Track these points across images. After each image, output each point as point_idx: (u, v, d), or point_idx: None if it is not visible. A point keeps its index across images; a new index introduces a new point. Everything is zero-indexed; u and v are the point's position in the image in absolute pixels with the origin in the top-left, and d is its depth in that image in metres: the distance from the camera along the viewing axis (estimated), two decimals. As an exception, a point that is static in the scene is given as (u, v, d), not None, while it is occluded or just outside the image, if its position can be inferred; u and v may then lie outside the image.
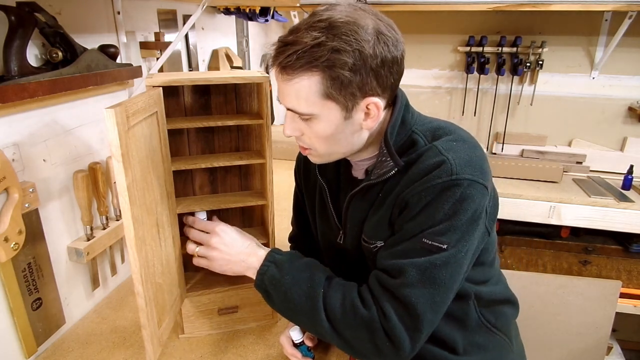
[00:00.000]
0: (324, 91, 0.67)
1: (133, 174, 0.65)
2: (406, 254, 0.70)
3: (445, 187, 0.68)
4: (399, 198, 0.73)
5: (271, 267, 0.78)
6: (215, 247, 0.82)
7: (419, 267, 0.68)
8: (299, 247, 1.11)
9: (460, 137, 0.76)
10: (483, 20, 2.26)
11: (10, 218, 0.76)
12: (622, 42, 2.04)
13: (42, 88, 0.81)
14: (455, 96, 2.46)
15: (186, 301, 0.92)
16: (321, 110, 0.69)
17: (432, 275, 0.68)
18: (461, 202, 0.68)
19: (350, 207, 0.83)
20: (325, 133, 0.71)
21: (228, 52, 1.93)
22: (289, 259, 0.79)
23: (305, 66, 0.65)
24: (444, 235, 0.68)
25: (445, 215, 0.69)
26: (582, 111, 2.29)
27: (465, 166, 0.70)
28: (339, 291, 0.74)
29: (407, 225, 0.72)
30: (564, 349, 1.87)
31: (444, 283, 0.68)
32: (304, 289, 0.74)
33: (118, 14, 1.13)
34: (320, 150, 0.75)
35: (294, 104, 0.69)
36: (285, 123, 0.74)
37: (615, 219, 1.82)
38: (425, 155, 0.72)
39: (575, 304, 1.83)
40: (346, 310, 0.71)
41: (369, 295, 0.71)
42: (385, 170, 0.75)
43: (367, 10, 0.69)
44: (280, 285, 0.76)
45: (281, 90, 0.70)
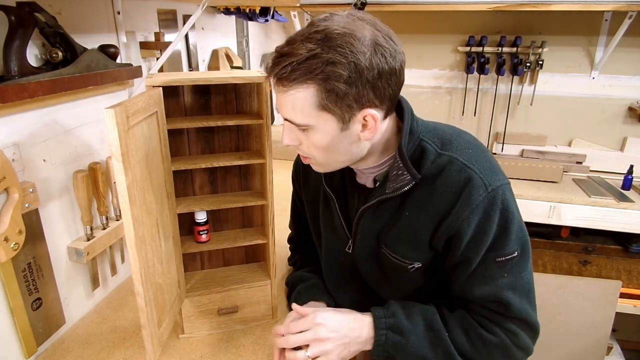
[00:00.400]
0: (320, 103, 0.66)
1: (133, 174, 0.65)
2: (491, 278, 0.74)
3: (487, 203, 0.71)
4: (444, 225, 0.73)
5: (388, 333, 0.76)
6: (326, 338, 0.74)
7: (512, 287, 0.74)
8: (298, 249, 1.11)
9: (469, 142, 0.77)
10: (483, 20, 2.26)
11: (10, 218, 0.76)
12: (622, 42, 2.04)
13: (42, 88, 0.81)
14: (455, 96, 2.46)
15: (186, 301, 0.92)
16: (317, 121, 0.68)
17: (523, 287, 0.75)
18: (505, 209, 0.72)
19: (363, 219, 0.82)
20: (322, 143, 0.71)
21: (228, 52, 1.93)
22: (401, 317, 0.77)
23: (300, 78, 0.64)
24: (509, 245, 0.73)
25: (500, 227, 0.72)
26: (582, 111, 2.29)
27: (491, 174, 0.73)
28: (458, 327, 0.77)
29: (468, 253, 0.74)
30: (564, 349, 1.87)
31: (530, 284, 0.77)
32: (430, 342, 0.76)
33: (118, 14, 1.13)
34: (319, 160, 0.75)
35: (291, 115, 0.69)
36: (283, 132, 0.74)
37: (615, 219, 1.82)
38: (448, 169, 0.73)
39: (575, 304, 1.83)
40: (474, 343, 0.75)
41: (488, 322, 0.76)
42: (401, 184, 0.74)
43: (365, 19, 0.68)
44: (406, 348, 0.75)
45: (278, 101, 0.70)
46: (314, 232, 0.99)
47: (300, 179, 0.98)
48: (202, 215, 0.92)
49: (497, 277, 0.74)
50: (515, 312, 0.74)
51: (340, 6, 1.91)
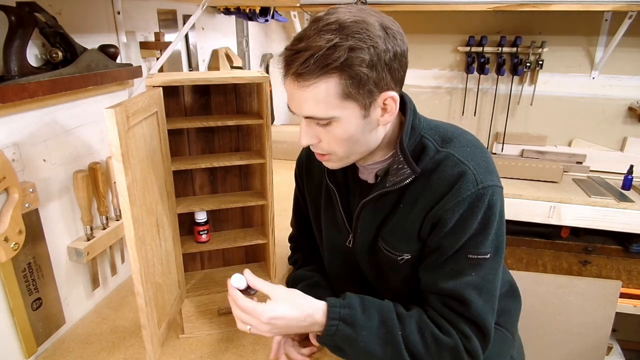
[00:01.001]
0: (343, 91, 0.67)
1: (133, 174, 0.65)
2: (457, 273, 0.74)
3: (474, 198, 0.72)
4: (430, 214, 0.74)
5: (340, 325, 0.74)
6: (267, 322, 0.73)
7: (477, 286, 0.73)
8: (299, 247, 1.11)
9: (469, 142, 0.78)
10: (483, 20, 2.26)
11: (10, 218, 0.76)
12: (622, 42, 2.04)
13: (42, 88, 0.81)
14: (455, 96, 2.46)
15: (186, 301, 0.92)
16: (341, 111, 0.69)
17: (487, 289, 0.74)
18: (490, 209, 0.72)
19: (363, 213, 0.83)
20: (345, 135, 0.71)
21: (228, 52, 1.93)
22: (355, 310, 0.75)
23: (323, 69, 0.65)
24: (484, 245, 0.73)
25: (480, 225, 0.72)
26: (582, 111, 2.29)
27: (485, 173, 0.73)
28: (413, 325, 0.75)
29: (444, 242, 0.74)
30: (564, 349, 1.87)
31: (495, 290, 0.76)
32: (382, 338, 0.74)
33: (118, 14, 1.13)
34: (340, 154, 0.74)
35: (313, 111, 0.68)
36: (301, 132, 0.72)
37: (615, 219, 1.82)
38: (444, 164, 0.74)
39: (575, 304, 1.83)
40: (428, 343, 0.74)
41: (444, 322, 0.75)
42: (401, 178, 0.75)
43: (367, 9, 0.70)
44: (356, 341, 0.74)
45: (297, 99, 0.69)
46: (315, 228, 1.00)
47: (303, 176, 0.99)
48: (202, 215, 0.92)
49: (464, 274, 0.74)
50: (474, 313, 0.73)
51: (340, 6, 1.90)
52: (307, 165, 0.97)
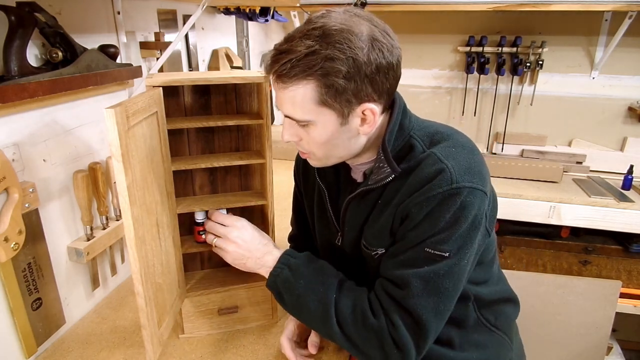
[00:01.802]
0: (319, 98, 0.67)
1: (133, 174, 0.65)
2: (410, 263, 0.72)
3: (445, 196, 0.69)
4: (400, 207, 0.74)
5: (285, 270, 0.79)
6: (233, 240, 0.83)
7: (423, 278, 0.70)
8: (298, 247, 1.11)
9: (458, 142, 0.76)
10: (483, 20, 2.26)
11: (10, 218, 0.76)
12: (622, 42, 2.04)
13: (42, 88, 0.81)
14: (455, 96, 2.46)
15: (186, 301, 0.92)
16: (317, 117, 0.69)
17: (436, 285, 0.70)
18: (462, 210, 0.69)
19: (349, 211, 0.84)
20: (321, 139, 0.72)
21: (228, 52, 1.93)
22: (303, 263, 0.80)
23: (299, 75, 0.65)
24: (446, 244, 0.70)
25: (447, 224, 0.70)
26: (582, 111, 2.29)
27: (464, 173, 0.70)
28: (350, 298, 0.76)
29: (409, 234, 0.73)
30: (564, 349, 1.87)
31: (447, 291, 0.71)
32: (316, 294, 0.76)
33: (118, 14, 1.13)
34: (318, 155, 0.77)
35: (290, 111, 0.71)
36: (284, 129, 0.75)
37: (615, 219, 1.82)
38: (424, 163, 0.73)
39: (575, 304, 1.83)
40: (357, 318, 0.74)
41: (378, 305, 0.73)
42: (382, 176, 0.76)
43: (362, 16, 0.69)
44: (293, 289, 0.78)
45: (278, 97, 0.72)
46: (311, 226, 1.01)
47: (300, 174, 1.00)
48: (202, 215, 0.92)
49: (416, 265, 0.71)
50: (410, 303, 0.70)
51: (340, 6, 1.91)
52: (304, 164, 0.98)
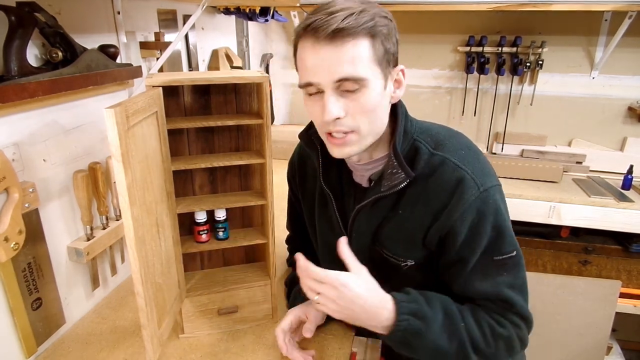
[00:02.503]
0: (373, 56, 0.68)
1: (133, 174, 0.65)
2: (490, 276, 0.77)
3: (480, 203, 0.73)
4: (438, 224, 0.75)
5: (411, 319, 0.73)
6: (334, 300, 0.72)
7: (512, 285, 0.77)
8: (297, 249, 1.11)
9: (462, 144, 0.79)
10: (483, 20, 2.26)
11: (10, 218, 0.76)
12: (622, 42, 2.04)
13: (42, 88, 0.81)
14: (455, 96, 2.46)
15: (186, 301, 0.92)
16: (372, 75, 0.69)
17: (521, 284, 0.79)
18: (496, 209, 0.75)
19: (358, 218, 0.83)
20: (371, 104, 0.70)
21: (228, 52, 1.93)
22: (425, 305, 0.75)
23: (358, 29, 0.66)
24: (505, 246, 0.76)
25: (494, 230, 0.75)
26: (582, 111, 2.29)
27: (483, 175, 0.74)
28: (471, 317, 0.77)
29: (464, 252, 0.76)
30: (564, 349, 1.87)
31: (525, 279, 0.80)
32: (447, 331, 0.75)
33: (118, 14, 1.13)
34: (363, 129, 0.72)
35: (350, 70, 0.67)
36: (328, 105, 0.69)
37: (615, 219, 1.82)
38: (442, 170, 0.74)
39: (575, 304, 1.83)
40: (486, 334, 0.76)
41: (498, 316, 0.78)
42: (396, 182, 0.75)
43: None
44: (425, 336, 0.74)
45: (328, 63, 0.67)
46: (310, 228, 1.00)
47: (296, 178, 0.99)
48: (202, 215, 0.92)
49: (495, 275, 0.77)
50: (518, 309, 0.77)
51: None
52: (300, 166, 0.98)
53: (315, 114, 0.74)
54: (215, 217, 0.93)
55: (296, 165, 0.99)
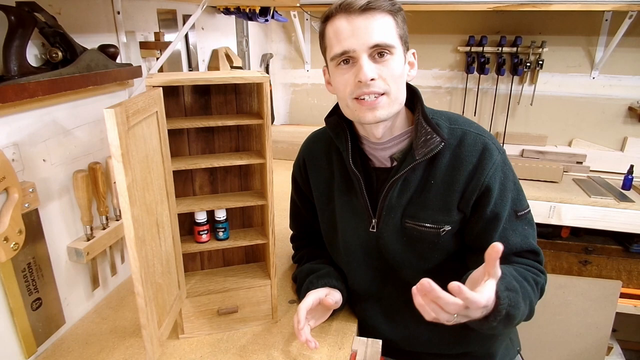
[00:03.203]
0: (396, 30, 0.80)
1: (133, 174, 0.65)
2: (519, 232, 0.86)
3: (502, 163, 0.85)
4: (472, 185, 0.83)
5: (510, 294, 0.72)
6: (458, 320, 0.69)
7: (533, 236, 0.88)
8: (303, 245, 1.12)
9: (470, 120, 0.90)
10: (483, 20, 2.26)
11: (10, 218, 0.76)
12: (622, 42, 2.04)
13: (42, 88, 0.81)
14: (455, 96, 2.46)
15: (186, 301, 0.92)
16: (398, 46, 0.80)
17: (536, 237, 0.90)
18: (512, 168, 0.87)
19: (390, 195, 0.87)
20: (398, 70, 0.80)
21: (228, 52, 1.93)
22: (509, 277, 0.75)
23: (384, 6, 0.78)
24: (523, 200, 0.88)
25: (514, 184, 0.86)
26: (582, 111, 2.29)
27: (496, 141, 0.86)
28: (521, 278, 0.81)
29: (497, 208, 0.84)
30: (564, 349, 1.87)
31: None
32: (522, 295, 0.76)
33: (118, 13, 1.13)
34: (393, 92, 0.80)
35: (382, 37, 0.77)
36: (364, 68, 0.77)
37: (615, 219, 1.82)
38: (466, 140, 0.84)
39: (575, 304, 1.83)
40: (534, 287, 0.83)
41: (532, 268, 0.86)
42: (431, 148, 0.82)
43: None
44: (519, 305, 0.74)
45: (362, 31, 0.77)
46: (326, 222, 1.02)
47: (306, 173, 1.01)
48: (202, 215, 0.92)
49: (521, 230, 0.86)
50: (541, 258, 0.88)
51: (340, 6, 1.91)
52: (311, 162, 1.01)
53: (346, 82, 0.81)
54: (215, 217, 0.93)
55: (306, 161, 1.01)
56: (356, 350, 0.92)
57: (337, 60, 0.81)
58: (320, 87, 2.61)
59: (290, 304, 1.06)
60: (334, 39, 0.80)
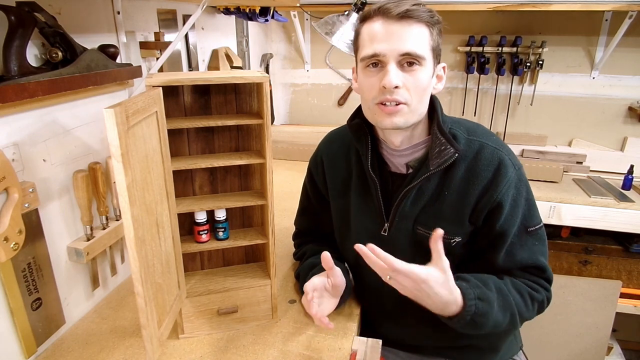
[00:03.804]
0: (429, 43, 0.80)
1: (133, 174, 0.65)
2: (527, 246, 0.87)
3: (516, 179, 0.85)
4: (485, 199, 0.84)
5: (478, 303, 0.81)
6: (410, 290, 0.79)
7: (543, 253, 0.89)
8: (307, 241, 1.12)
9: (489, 132, 0.90)
10: (483, 20, 2.26)
11: (10, 218, 0.76)
12: (622, 42, 2.04)
13: (42, 88, 0.81)
14: (455, 96, 2.46)
15: (186, 301, 0.92)
16: (428, 58, 0.80)
17: (547, 253, 0.90)
18: (526, 185, 0.87)
19: (404, 202, 0.88)
20: (424, 82, 0.81)
21: (228, 52, 1.93)
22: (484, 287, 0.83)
23: (422, 16, 0.79)
24: (535, 216, 0.88)
25: (527, 201, 0.86)
26: (582, 111, 2.29)
27: (513, 156, 0.87)
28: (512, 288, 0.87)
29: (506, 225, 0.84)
30: (564, 349, 1.87)
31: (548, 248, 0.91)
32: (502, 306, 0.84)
33: (118, 13, 1.13)
34: (414, 104, 0.81)
35: (414, 46, 0.78)
36: (390, 75, 0.78)
37: (615, 219, 1.82)
38: (482, 153, 0.85)
39: (575, 304, 1.83)
40: (527, 301, 0.87)
41: (533, 284, 0.88)
42: (445, 159, 0.82)
43: None
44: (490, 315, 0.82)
45: (397, 36, 0.78)
46: (339, 220, 1.03)
47: (323, 169, 1.03)
48: (202, 215, 0.92)
49: (531, 245, 0.87)
50: (548, 275, 0.89)
51: (340, 6, 1.91)
52: (329, 158, 1.02)
53: (372, 85, 0.82)
54: (215, 217, 0.93)
55: (324, 157, 1.03)
56: (356, 350, 0.92)
57: (367, 62, 0.81)
58: (320, 87, 2.61)
59: (290, 303, 1.06)
60: (367, 40, 0.81)
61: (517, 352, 1.07)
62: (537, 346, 1.89)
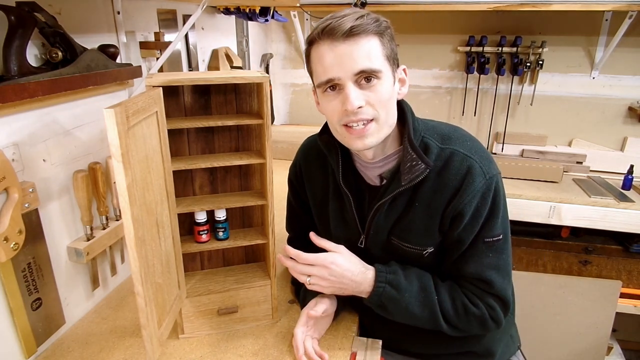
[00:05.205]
0: (383, 52, 0.76)
1: (133, 174, 0.65)
2: (477, 257, 0.84)
3: (485, 188, 0.80)
4: (450, 209, 0.81)
5: (387, 287, 0.85)
6: (326, 278, 0.84)
7: (495, 266, 0.84)
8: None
9: (466, 136, 0.86)
10: (483, 20, 2.26)
11: (10, 218, 0.76)
12: (622, 42, 2.04)
13: (42, 88, 0.81)
14: (455, 96, 2.46)
15: (186, 301, 0.92)
16: (385, 69, 0.77)
17: (506, 268, 0.86)
18: (496, 195, 0.82)
19: (378, 216, 0.87)
20: (387, 94, 0.77)
21: (228, 52, 1.93)
22: (402, 277, 0.86)
23: (369, 29, 0.74)
24: (496, 228, 0.83)
25: (490, 211, 0.82)
26: (582, 111, 2.29)
27: (488, 164, 0.82)
28: (446, 294, 0.86)
29: (464, 234, 0.83)
30: (564, 349, 1.87)
31: (510, 265, 0.87)
32: (421, 301, 0.85)
33: (118, 13, 1.13)
34: (382, 118, 0.78)
35: (366, 63, 0.74)
36: (351, 97, 0.75)
37: (615, 219, 1.82)
38: (452, 161, 0.81)
39: (575, 304, 1.83)
40: (458, 310, 0.85)
41: (473, 296, 0.86)
42: (416, 174, 0.80)
43: None
44: (399, 302, 0.85)
45: (348, 57, 0.74)
46: (320, 226, 1.02)
47: (302, 180, 1.01)
48: (202, 215, 0.92)
49: (483, 257, 0.84)
50: (497, 290, 0.84)
51: (340, 6, 1.91)
52: (306, 168, 1.00)
53: (334, 109, 0.79)
54: (215, 217, 0.93)
55: (302, 167, 1.01)
56: (356, 351, 0.92)
57: (324, 87, 0.78)
58: (320, 87, 2.61)
59: (290, 304, 1.06)
60: (318, 65, 0.77)
61: (515, 352, 1.07)
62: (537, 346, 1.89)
